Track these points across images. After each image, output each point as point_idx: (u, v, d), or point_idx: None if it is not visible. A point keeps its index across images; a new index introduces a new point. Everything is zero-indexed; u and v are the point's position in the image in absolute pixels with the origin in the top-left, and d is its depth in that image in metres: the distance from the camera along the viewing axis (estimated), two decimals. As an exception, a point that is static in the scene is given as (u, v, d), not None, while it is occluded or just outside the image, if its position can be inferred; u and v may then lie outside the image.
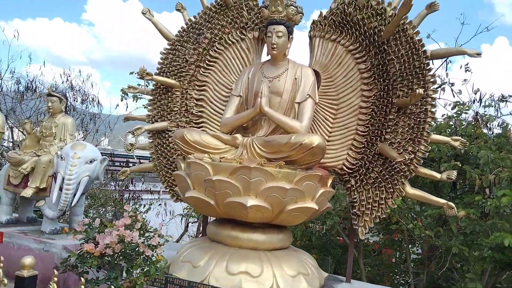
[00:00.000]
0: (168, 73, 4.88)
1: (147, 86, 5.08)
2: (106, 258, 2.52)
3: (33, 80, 11.15)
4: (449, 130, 6.58)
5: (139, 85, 5.09)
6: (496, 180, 5.15)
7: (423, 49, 3.93)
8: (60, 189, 5.18)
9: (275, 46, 4.17)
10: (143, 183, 12.20)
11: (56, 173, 5.39)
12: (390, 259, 7.76)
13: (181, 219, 9.61)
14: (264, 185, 3.48)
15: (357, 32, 4.25)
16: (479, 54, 3.84)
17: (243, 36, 4.72)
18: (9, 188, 5.78)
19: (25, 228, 5.74)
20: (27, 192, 5.40)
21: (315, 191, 3.70)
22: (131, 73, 8.57)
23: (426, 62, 3.92)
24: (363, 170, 4.12)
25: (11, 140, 11.01)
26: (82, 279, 1.80)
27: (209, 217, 5.11)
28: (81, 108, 12.08)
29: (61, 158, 5.22)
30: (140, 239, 2.65)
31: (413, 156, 3.86)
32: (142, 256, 2.58)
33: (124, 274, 2.54)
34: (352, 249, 4.44)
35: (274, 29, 4.16)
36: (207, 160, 3.77)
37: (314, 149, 3.56)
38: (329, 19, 4.41)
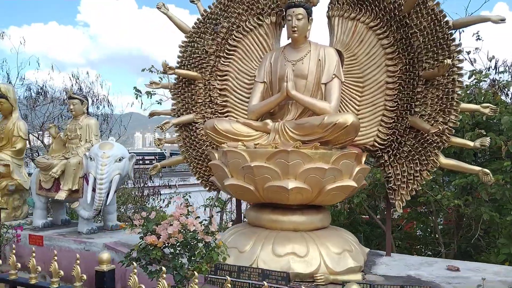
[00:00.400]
0: (188, 66, 4.91)
1: (162, 80, 5.11)
2: (168, 248, 2.59)
3: (43, 85, 11.22)
4: (467, 99, 6.58)
5: (160, 80, 5.12)
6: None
7: (445, 19, 3.93)
8: (93, 189, 5.27)
9: (295, 29, 4.18)
10: (160, 178, 12.33)
11: (87, 174, 5.48)
12: (414, 232, 7.82)
13: (204, 209, 9.71)
14: (302, 167, 3.53)
15: (376, 8, 4.25)
16: (503, 20, 3.83)
17: (260, 22, 4.73)
18: (42, 192, 5.88)
19: (62, 230, 5.87)
20: (61, 195, 5.49)
21: (352, 169, 3.75)
22: (143, 70, 8.62)
23: (449, 32, 3.92)
24: (395, 145, 4.16)
25: (28, 147, 11.12)
26: (133, 267, 1.84)
27: (243, 204, 5.19)
28: (92, 110, 12.16)
29: (90, 158, 5.31)
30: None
31: (445, 126, 3.89)
32: (202, 243, 2.65)
33: (186, 262, 2.61)
34: (390, 224, 4.49)
35: (293, 12, 4.17)
36: (242, 147, 3.81)
37: (348, 128, 3.59)
38: (347, -3, 4.40)
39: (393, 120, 4.17)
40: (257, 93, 4.46)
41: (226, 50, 4.83)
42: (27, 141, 6.84)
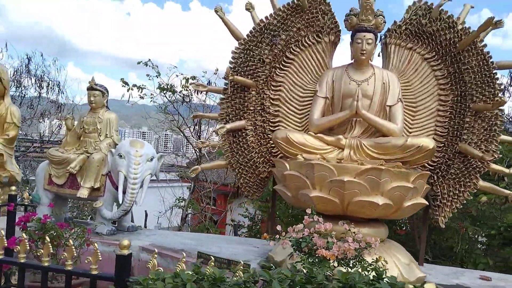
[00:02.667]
0: (242, 73, 4.92)
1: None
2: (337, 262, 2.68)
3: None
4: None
5: (208, 83, 5.07)
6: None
7: (491, 60, 4.51)
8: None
9: (364, 52, 4.47)
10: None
11: (111, 172, 5.20)
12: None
13: (176, 208, 9.60)
14: (390, 185, 3.82)
15: (433, 42, 4.69)
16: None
17: (319, 39, 4.93)
18: (52, 188, 5.41)
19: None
20: (83, 193, 5.12)
21: (423, 188, 4.13)
22: (139, 62, 8.28)
23: (494, 72, 4.50)
24: (444, 167, 4.62)
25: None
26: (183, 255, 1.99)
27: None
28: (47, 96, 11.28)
29: (120, 156, 5.05)
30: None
31: (495, 156, 4.44)
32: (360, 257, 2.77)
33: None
34: (425, 236, 4.95)
35: (364, 36, 4.46)
36: (330, 161, 3.99)
37: (429, 152, 3.97)
38: (404, 28, 4.79)
39: (443, 144, 4.63)
40: (319, 107, 4.65)
41: (282, 62, 4.94)
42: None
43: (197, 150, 9.04)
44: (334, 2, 4.94)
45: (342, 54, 5.10)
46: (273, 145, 4.87)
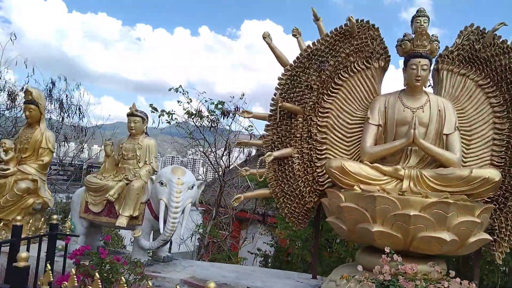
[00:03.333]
0: (289, 99, 4.79)
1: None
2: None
3: (22, 88, 10.08)
4: None
5: (236, 108, 4.91)
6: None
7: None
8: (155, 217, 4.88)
9: (419, 78, 4.33)
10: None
11: (151, 200, 5.04)
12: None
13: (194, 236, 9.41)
14: (456, 219, 3.61)
15: (487, 68, 4.55)
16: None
17: (368, 65, 4.80)
18: (88, 216, 5.24)
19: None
20: (122, 222, 4.94)
21: (487, 222, 3.91)
22: (170, 89, 8.25)
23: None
24: (501, 199, 4.40)
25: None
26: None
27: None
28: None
29: (161, 184, 4.89)
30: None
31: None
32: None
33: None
34: (478, 272, 4.67)
35: (419, 62, 4.32)
36: (384, 193, 3.79)
37: (496, 184, 3.77)
38: (456, 53, 4.65)
39: (500, 175, 4.42)
40: (371, 135, 4.49)
41: (330, 88, 4.80)
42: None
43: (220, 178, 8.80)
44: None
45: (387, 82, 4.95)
46: (319, 174, 4.70)
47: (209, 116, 8.83)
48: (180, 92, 8.47)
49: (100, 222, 5.24)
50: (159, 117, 8.35)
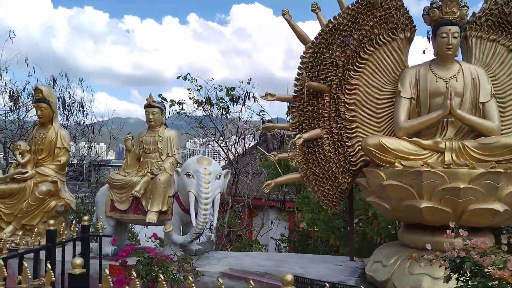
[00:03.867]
0: (313, 78, 4.62)
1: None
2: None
3: (24, 88, 9.87)
4: None
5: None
6: None
7: None
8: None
9: (450, 46, 4.16)
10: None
11: (178, 193, 4.90)
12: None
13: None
14: (507, 189, 3.48)
15: (518, 32, 4.38)
16: None
17: (394, 37, 4.62)
18: (115, 214, 5.09)
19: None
20: (152, 218, 4.80)
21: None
22: (178, 77, 8.03)
23: None
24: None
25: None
26: None
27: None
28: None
29: (188, 175, 4.75)
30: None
31: None
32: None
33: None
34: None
35: (449, 29, 4.14)
36: (430, 168, 3.65)
37: (544, 150, 3.63)
38: (485, 19, 4.48)
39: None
40: (404, 109, 4.33)
41: (356, 63, 4.62)
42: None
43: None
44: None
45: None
46: (351, 154, 4.56)
47: (218, 103, 8.62)
48: (188, 80, 8.26)
49: (128, 219, 5.10)
50: (170, 107, 8.16)
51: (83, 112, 11.34)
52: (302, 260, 4.97)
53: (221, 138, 9.43)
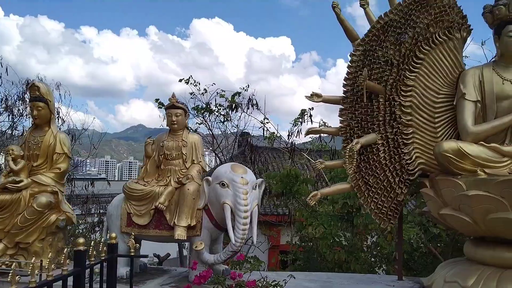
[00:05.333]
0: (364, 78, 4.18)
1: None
2: None
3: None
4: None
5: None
6: None
7: None
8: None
9: None
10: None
11: (209, 205, 4.28)
12: None
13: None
14: None
15: None
16: None
17: (450, 36, 4.27)
18: (132, 230, 4.36)
19: (161, 280, 4.43)
20: (181, 234, 4.14)
21: None
22: (180, 80, 7.39)
23: None
24: None
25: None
26: None
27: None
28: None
29: (223, 185, 4.14)
30: None
31: None
32: None
33: None
34: None
35: None
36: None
37: None
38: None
39: None
40: (470, 112, 3.97)
41: (412, 63, 4.22)
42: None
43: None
44: None
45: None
46: (408, 162, 4.13)
47: (219, 110, 8.03)
48: (191, 84, 7.64)
49: (147, 235, 4.39)
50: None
51: (58, 119, 10.37)
52: (347, 280, 4.44)
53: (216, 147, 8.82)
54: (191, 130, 8.11)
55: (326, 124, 7.44)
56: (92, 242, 4.61)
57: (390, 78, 4.19)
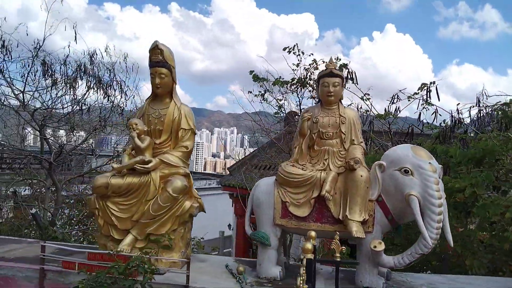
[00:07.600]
0: None
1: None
2: None
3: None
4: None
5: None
6: None
7: None
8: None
9: None
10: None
11: (383, 196, 3.51)
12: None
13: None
14: None
15: None
16: None
17: None
18: (288, 222, 3.65)
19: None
20: (358, 231, 3.42)
21: None
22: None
23: None
24: None
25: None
26: None
27: None
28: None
29: (406, 171, 3.36)
30: None
31: None
32: None
33: None
34: None
35: None
36: None
37: None
38: None
39: None
40: None
41: None
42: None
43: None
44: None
45: None
46: None
47: (312, 85, 7.17)
48: (295, 53, 6.82)
49: (307, 229, 3.64)
50: (273, 85, 6.71)
51: (121, 94, 9.67)
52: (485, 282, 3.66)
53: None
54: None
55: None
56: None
57: None
